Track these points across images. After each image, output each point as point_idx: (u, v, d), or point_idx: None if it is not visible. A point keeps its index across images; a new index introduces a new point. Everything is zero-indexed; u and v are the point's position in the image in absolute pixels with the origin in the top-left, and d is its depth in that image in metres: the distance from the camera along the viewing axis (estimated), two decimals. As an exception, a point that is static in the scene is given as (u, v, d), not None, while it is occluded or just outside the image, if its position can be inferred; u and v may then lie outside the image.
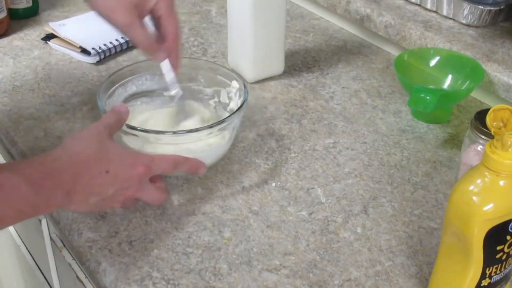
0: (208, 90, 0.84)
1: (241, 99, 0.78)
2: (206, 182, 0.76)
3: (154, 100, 0.83)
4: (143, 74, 0.82)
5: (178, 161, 0.69)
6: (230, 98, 0.82)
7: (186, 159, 0.70)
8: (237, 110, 0.74)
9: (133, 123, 0.75)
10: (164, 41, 0.76)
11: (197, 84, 0.84)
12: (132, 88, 0.82)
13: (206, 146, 0.74)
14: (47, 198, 0.59)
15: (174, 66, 0.77)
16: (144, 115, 0.81)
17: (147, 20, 0.75)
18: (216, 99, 0.83)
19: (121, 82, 0.80)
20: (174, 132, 0.73)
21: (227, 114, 0.79)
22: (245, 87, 0.78)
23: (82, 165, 0.62)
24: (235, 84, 0.81)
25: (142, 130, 0.71)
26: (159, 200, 0.69)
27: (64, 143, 0.64)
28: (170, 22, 0.75)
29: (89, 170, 0.62)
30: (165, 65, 0.77)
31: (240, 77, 0.80)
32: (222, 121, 0.73)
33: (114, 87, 0.79)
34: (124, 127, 0.70)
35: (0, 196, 0.56)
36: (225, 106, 0.82)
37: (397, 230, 0.71)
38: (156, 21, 0.75)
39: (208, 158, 0.74)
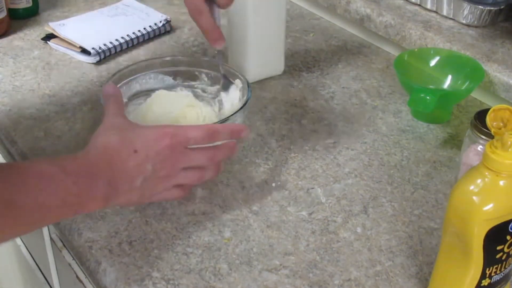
0: (211, 89, 0.84)
1: (245, 97, 0.78)
2: (206, 182, 0.76)
3: None
4: (146, 73, 0.83)
5: (213, 129, 0.68)
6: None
7: (224, 126, 0.69)
8: (241, 108, 0.75)
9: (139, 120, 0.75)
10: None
11: (201, 83, 0.84)
12: (136, 87, 0.82)
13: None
14: (88, 188, 0.60)
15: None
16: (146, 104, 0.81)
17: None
18: (219, 98, 0.83)
19: (125, 81, 0.80)
20: None
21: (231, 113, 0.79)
22: (248, 85, 0.78)
23: (111, 152, 0.62)
24: (238, 82, 0.81)
25: None
26: (214, 159, 0.69)
27: (88, 144, 0.65)
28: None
29: (118, 155, 0.62)
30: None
31: (242, 75, 0.81)
32: (227, 118, 0.73)
33: (118, 86, 0.79)
34: None
35: (42, 184, 0.56)
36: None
37: (397, 230, 0.71)
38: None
39: None
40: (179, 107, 0.80)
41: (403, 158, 0.82)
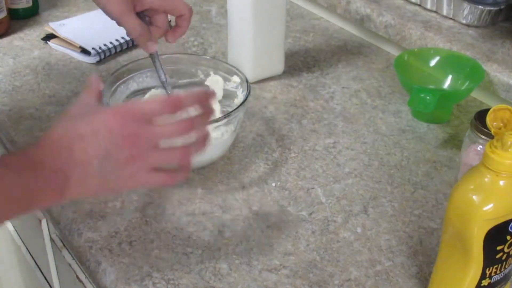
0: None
1: (244, 93, 0.78)
2: (206, 182, 0.76)
3: None
4: (143, 71, 0.83)
5: (174, 98, 0.60)
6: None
7: (188, 93, 0.61)
8: (242, 103, 0.75)
9: None
10: (156, 34, 0.78)
11: (199, 80, 0.85)
12: (133, 86, 0.82)
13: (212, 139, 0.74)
14: (34, 180, 0.55)
15: (176, 35, 0.79)
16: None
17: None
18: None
19: (122, 80, 0.81)
20: None
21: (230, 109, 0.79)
22: (246, 81, 0.79)
23: (52, 141, 0.58)
24: (236, 79, 0.81)
25: None
26: (192, 125, 0.60)
27: None
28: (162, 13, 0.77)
29: (60, 142, 0.57)
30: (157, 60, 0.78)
31: (241, 72, 0.81)
32: (229, 114, 0.73)
33: (116, 85, 0.80)
34: None
35: None
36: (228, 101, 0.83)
37: (397, 230, 0.71)
38: (149, 18, 0.77)
39: (214, 152, 0.74)
40: None
41: (403, 158, 0.82)
